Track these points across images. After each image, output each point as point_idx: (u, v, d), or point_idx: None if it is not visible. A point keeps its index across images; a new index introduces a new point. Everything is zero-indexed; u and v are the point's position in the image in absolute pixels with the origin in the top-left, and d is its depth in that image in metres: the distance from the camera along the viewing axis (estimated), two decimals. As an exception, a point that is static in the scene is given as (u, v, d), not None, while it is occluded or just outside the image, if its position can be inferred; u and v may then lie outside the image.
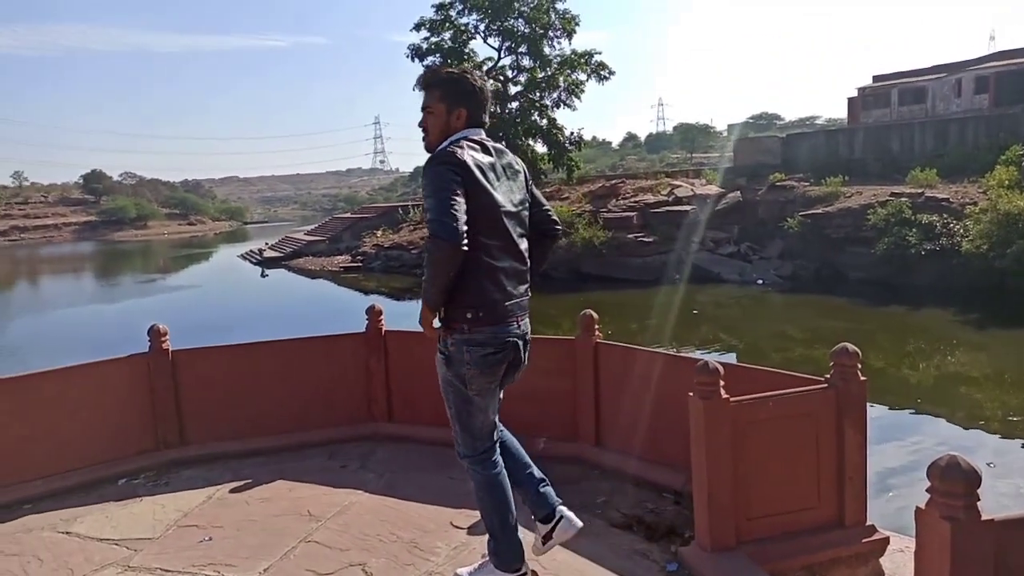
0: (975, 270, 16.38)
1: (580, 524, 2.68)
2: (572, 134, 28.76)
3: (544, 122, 28.36)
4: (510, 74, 28.99)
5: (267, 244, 38.36)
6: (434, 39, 28.14)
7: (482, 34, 28.46)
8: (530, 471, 2.67)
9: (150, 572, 2.96)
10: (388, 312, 4.53)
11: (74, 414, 3.99)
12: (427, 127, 2.53)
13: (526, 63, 28.58)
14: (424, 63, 27.60)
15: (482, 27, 28.26)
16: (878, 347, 12.91)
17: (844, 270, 19.63)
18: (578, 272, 22.04)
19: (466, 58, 27.77)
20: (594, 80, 28.28)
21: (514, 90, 28.95)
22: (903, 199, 18.77)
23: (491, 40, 28.62)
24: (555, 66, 28.07)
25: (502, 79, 28.89)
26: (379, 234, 31.91)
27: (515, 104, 28.75)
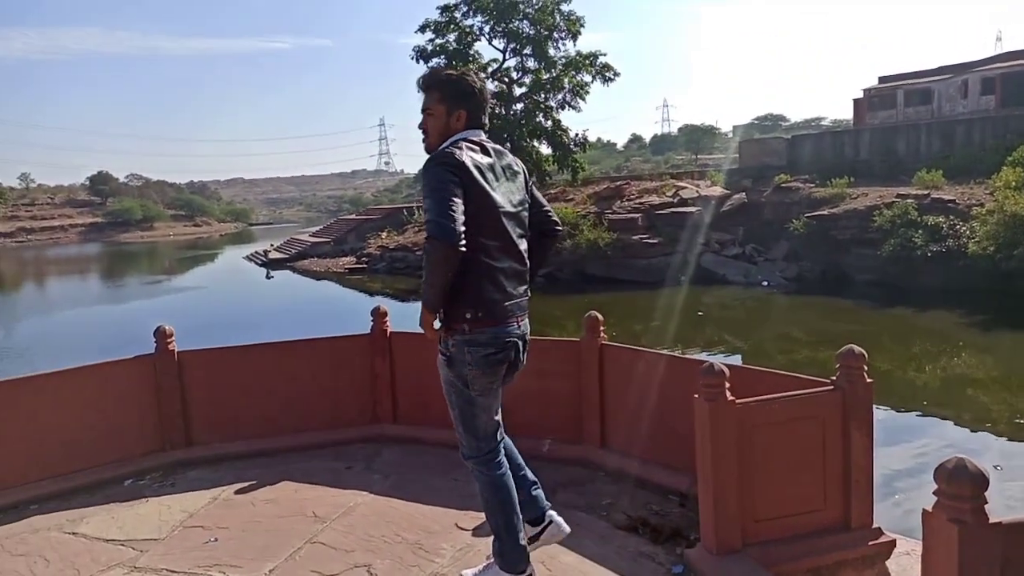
0: (982, 272, 16.31)
1: (568, 530, 2.71)
2: (577, 136, 28.79)
3: (549, 124, 28.37)
4: (515, 76, 29.00)
5: (272, 245, 38.46)
6: (439, 41, 28.18)
7: (487, 36, 28.47)
8: (523, 473, 2.68)
9: (156, 572, 2.97)
10: (393, 313, 4.54)
11: (80, 415, 4.01)
12: (427, 128, 2.54)
13: (531, 65, 28.60)
14: (429, 65, 27.59)
15: (487, 29, 28.27)
16: (884, 349, 12.86)
17: (850, 272, 19.57)
18: (583, 273, 22.05)
19: (471, 60, 27.78)
20: (599, 81, 28.28)
21: (519, 92, 28.97)
22: (909, 200, 18.70)
23: (496, 42, 28.65)
24: (560, 68, 28.07)
25: (507, 81, 28.91)
26: (384, 235, 31.99)
27: (520, 106, 28.78)
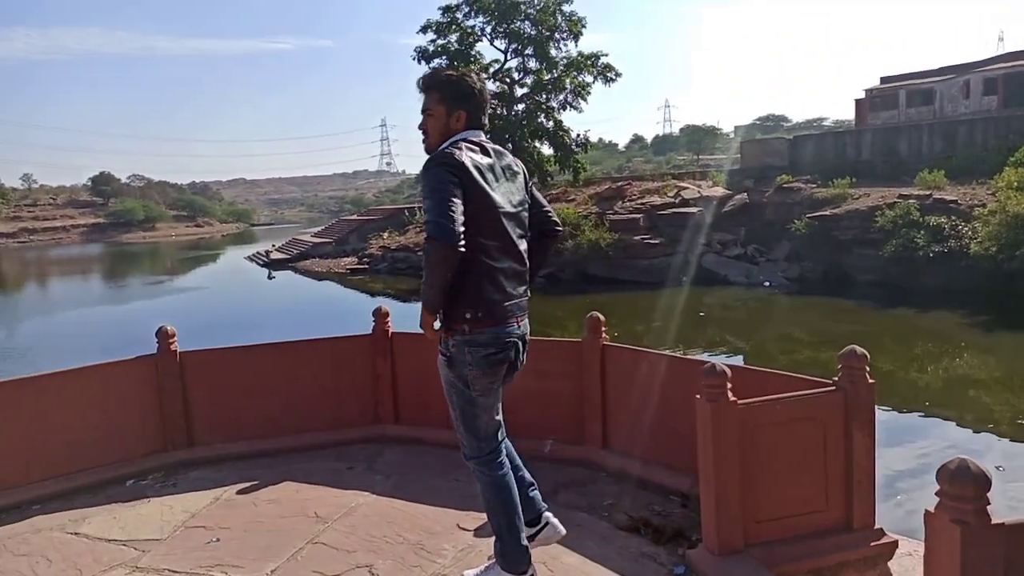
0: (984, 272, 16.29)
1: (564, 532, 2.73)
2: (578, 136, 28.77)
3: (550, 124, 28.35)
4: (516, 76, 28.98)
5: (274, 246, 38.49)
6: (441, 41, 28.19)
7: (488, 36, 28.45)
8: (521, 474, 2.69)
9: (158, 573, 2.97)
10: (395, 314, 4.54)
11: (83, 415, 4.01)
12: (427, 129, 2.55)
13: (532, 65, 28.58)
14: (431, 65, 27.62)
15: (488, 29, 28.26)
16: (886, 350, 12.85)
17: (852, 272, 19.55)
18: (584, 274, 22.05)
19: (472, 60, 27.78)
20: (600, 82, 28.26)
21: (520, 92, 28.96)
22: (911, 201, 18.69)
23: (497, 42, 28.64)
24: (561, 68, 28.06)
25: (508, 81, 28.90)
26: (385, 236, 32.02)
27: (521, 106, 28.76)
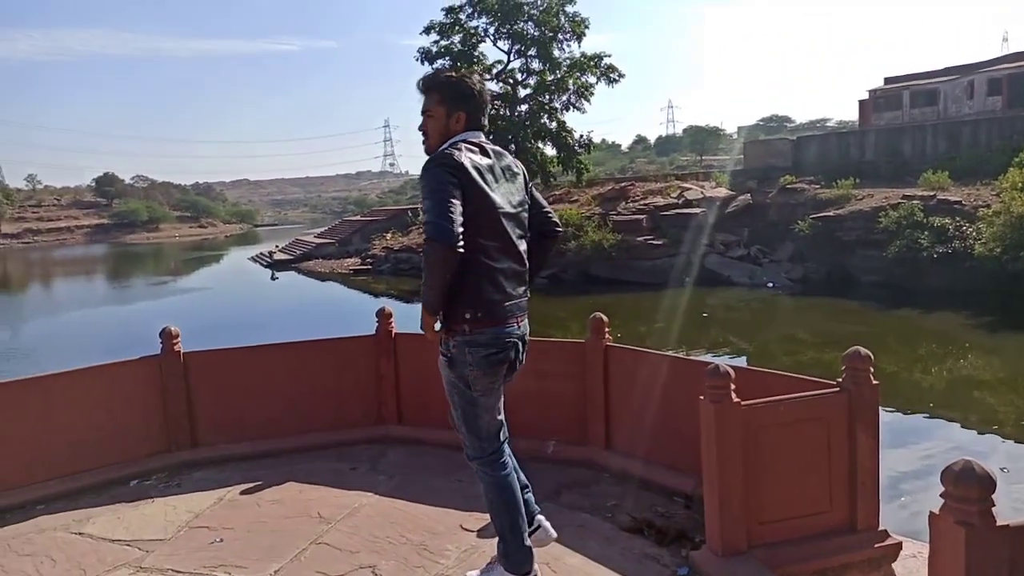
0: (988, 273, 16.25)
1: (555, 535, 2.74)
2: (581, 137, 28.74)
3: (553, 125, 28.35)
4: (519, 77, 28.99)
5: (277, 247, 38.55)
6: (444, 42, 28.20)
7: (492, 37, 28.47)
8: (516, 475, 2.69)
9: (162, 573, 2.97)
10: (398, 315, 4.54)
11: (87, 415, 4.02)
12: (427, 130, 2.56)
13: (535, 66, 28.57)
14: (434, 66, 27.64)
15: (492, 30, 28.27)
16: (890, 351, 12.82)
17: (855, 273, 19.52)
18: (587, 275, 22.04)
19: (475, 61, 27.79)
20: (603, 83, 28.26)
21: (523, 93, 28.96)
22: (915, 202, 18.65)
23: (501, 43, 28.65)
24: (564, 69, 28.05)
25: (511, 82, 28.91)
26: (388, 237, 32.05)
27: (524, 107, 28.75)
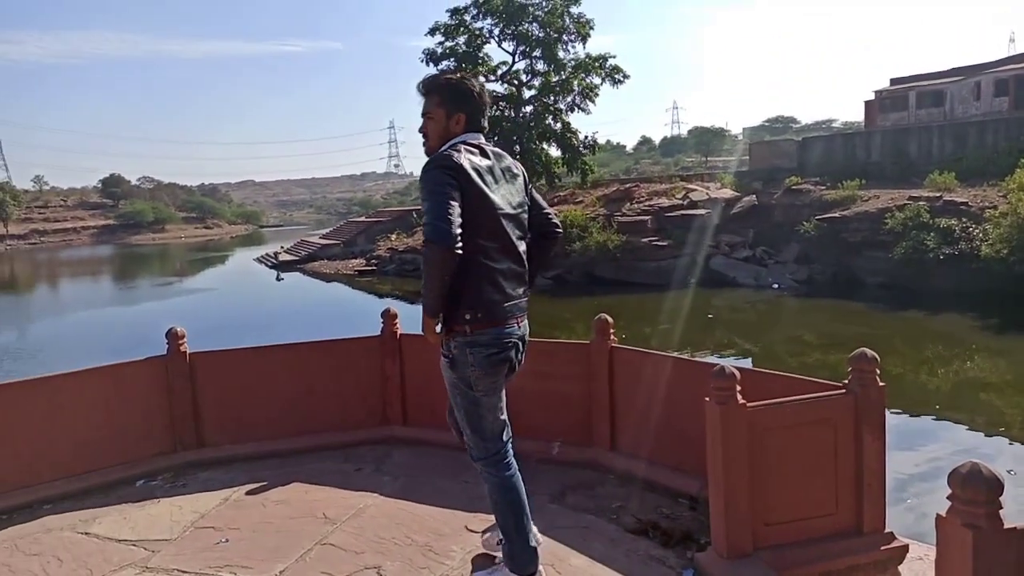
0: (995, 275, 16.18)
1: (541, 540, 2.70)
2: (586, 138, 28.77)
3: (558, 126, 28.37)
4: (524, 78, 29.02)
5: (282, 248, 38.67)
6: (449, 43, 28.26)
7: (496, 38, 28.51)
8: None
9: (167, 573, 2.98)
10: (403, 315, 4.54)
11: (93, 416, 4.03)
12: (427, 132, 2.58)
13: (540, 67, 28.61)
14: (439, 67, 27.68)
15: (496, 31, 28.31)
16: (896, 352, 12.78)
17: (861, 274, 19.46)
18: (592, 275, 22.04)
19: (480, 62, 27.83)
20: (608, 84, 28.26)
21: (528, 94, 28.99)
22: (921, 203, 18.59)
23: (505, 44, 28.68)
24: (569, 70, 28.06)
25: (516, 83, 28.93)
26: (393, 238, 32.12)
27: (529, 108, 28.79)
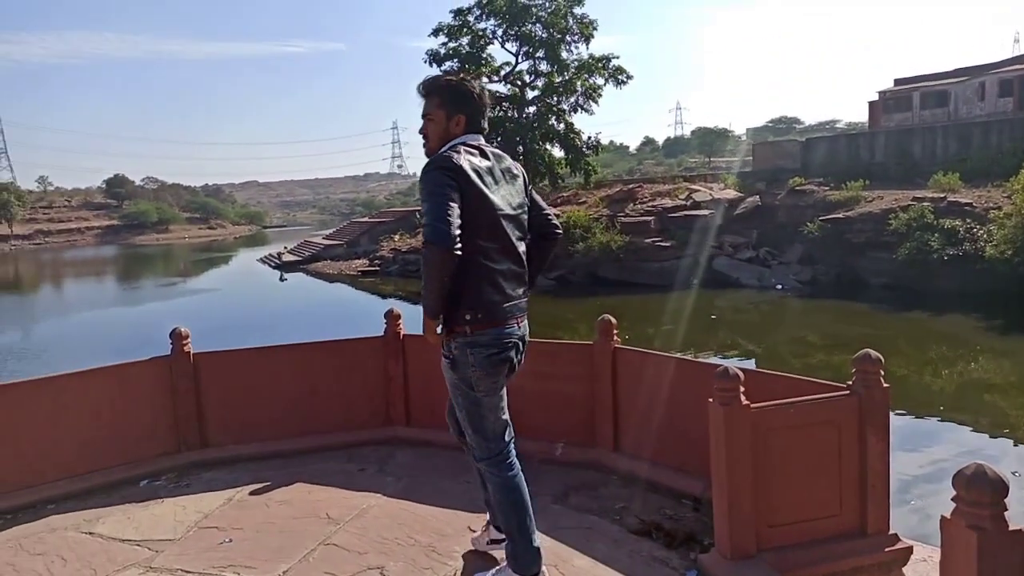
0: (999, 275, 16.13)
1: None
2: (589, 138, 28.77)
3: (561, 126, 28.36)
4: (528, 79, 29.01)
5: (286, 248, 38.70)
6: (452, 44, 28.28)
7: (500, 39, 28.51)
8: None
9: (171, 573, 2.98)
10: (406, 316, 4.54)
11: (97, 416, 4.04)
12: (427, 134, 2.58)
13: (544, 68, 28.61)
14: (442, 68, 27.69)
15: (500, 32, 28.31)
16: (900, 353, 12.75)
17: (865, 275, 19.42)
18: (595, 276, 22.03)
19: (484, 63, 27.85)
20: (612, 84, 28.25)
21: (531, 95, 28.99)
22: (925, 204, 18.54)
23: (509, 45, 28.69)
24: (572, 71, 28.06)
25: (519, 84, 28.93)
26: (396, 238, 32.15)
27: (532, 109, 28.78)
